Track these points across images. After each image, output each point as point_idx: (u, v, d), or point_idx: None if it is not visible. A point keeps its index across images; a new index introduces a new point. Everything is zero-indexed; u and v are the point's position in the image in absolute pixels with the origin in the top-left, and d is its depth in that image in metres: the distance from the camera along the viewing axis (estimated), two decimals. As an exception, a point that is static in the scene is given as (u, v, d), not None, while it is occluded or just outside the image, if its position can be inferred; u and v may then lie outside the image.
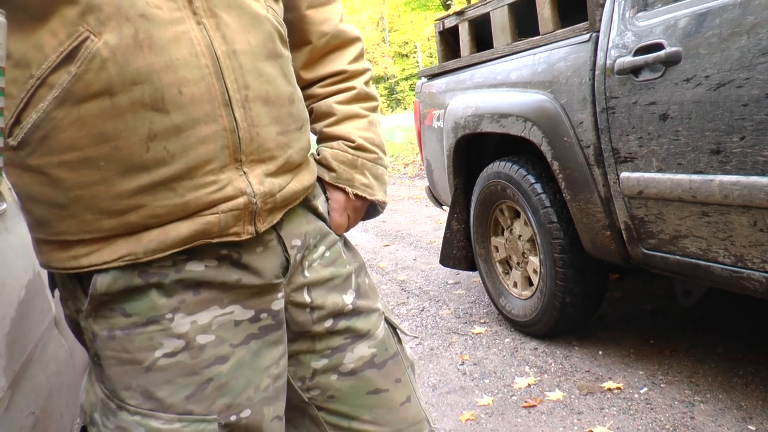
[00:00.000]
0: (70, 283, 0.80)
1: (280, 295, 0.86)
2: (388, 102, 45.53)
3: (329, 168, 0.97)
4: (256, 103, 0.77)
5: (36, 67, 0.69)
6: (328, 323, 0.91)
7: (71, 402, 1.47)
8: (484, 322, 3.00)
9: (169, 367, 0.77)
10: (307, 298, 0.89)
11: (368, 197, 0.99)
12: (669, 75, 1.77)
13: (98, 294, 0.76)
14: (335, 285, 0.93)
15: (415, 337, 1.02)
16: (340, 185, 0.97)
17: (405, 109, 39.50)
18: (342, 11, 1.02)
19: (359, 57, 1.02)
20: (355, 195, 0.97)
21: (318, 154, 0.99)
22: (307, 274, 0.90)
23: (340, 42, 1.00)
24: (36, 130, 0.70)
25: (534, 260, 2.61)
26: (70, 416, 1.46)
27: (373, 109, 1.02)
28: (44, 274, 1.46)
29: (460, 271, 3.68)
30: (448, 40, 3.29)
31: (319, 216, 0.94)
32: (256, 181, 0.78)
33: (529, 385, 2.30)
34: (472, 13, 2.93)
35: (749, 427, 1.84)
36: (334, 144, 0.98)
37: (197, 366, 0.78)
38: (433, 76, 3.34)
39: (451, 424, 2.12)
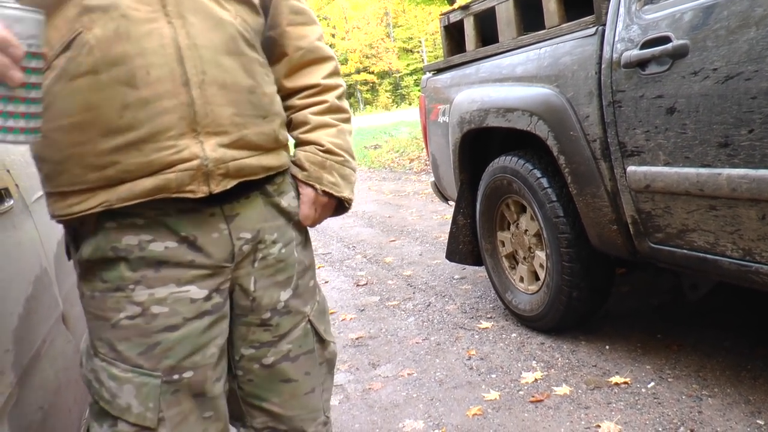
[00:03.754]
0: (74, 252, 1.01)
1: (228, 276, 1.04)
2: (393, 97, 45.44)
3: (302, 167, 1.15)
4: (212, 87, 0.95)
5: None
6: (265, 315, 1.09)
7: (79, 397, 1.48)
8: (491, 317, 2.99)
9: (128, 327, 0.97)
10: (251, 287, 1.07)
11: (335, 194, 1.16)
12: (676, 68, 1.75)
13: (83, 260, 0.98)
14: (278, 281, 1.10)
15: (332, 342, 1.24)
16: (310, 182, 1.14)
17: (410, 104, 39.46)
18: (320, 33, 1.19)
19: (333, 74, 1.19)
20: (323, 192, 1.15)
21: (294, 156, 1.16)
22: (257, 265, 1.07)
23: (315, 57, 1.17)
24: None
25: (540, 255, 2.60)
26: (78, 412, 1.46)
27: (344, 120, 1.19)
28: (51, 270, 1.47)
29: (466, 266, 3.68)
30: (453, 34, 3.28)
31: (283, 212, 1.11)
32: (209, 149, 0.95)
33: (536, 380, 2.29)
34: (477, 8, 2.92)
35: (758, 421, 1.83)
36: (307, 147, 1.16)
37: (149, 330, 0.96)
38: (438, 71, 3.33)
39: (458, 419, 2.12)
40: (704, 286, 2.17)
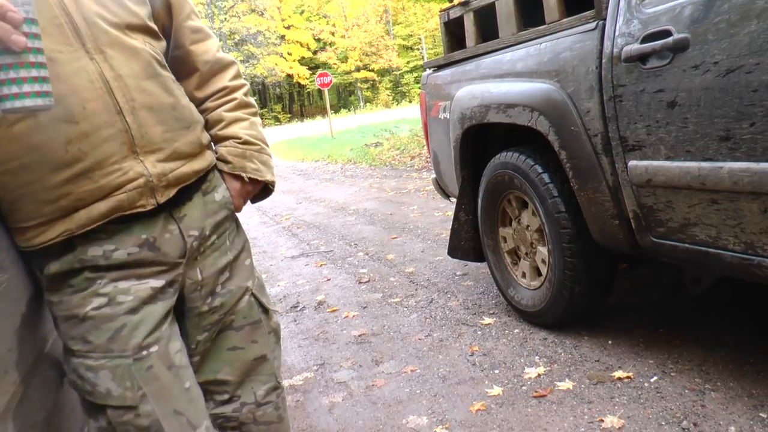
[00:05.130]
0: (38, 270, 1.09)
1: (180, 271, 1.16)
2: (394, 95, 45.41)
3: (226, 161, 1.27)
4: (142, 111, 1.06)
5: None
6: (209, 300, 1.22)
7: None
8: (493, 313, 3.00)
9: (96, 317, 1.06)
10: (198, 276, 1.19)
11: (260, 179, 1.29)
12: (677, 62, 1.75)
13: (50, 274, 1.06)
14: (219, 268, 1.23)
15: (276, 311, 1.36)
16: (236, 173, 1.27)
17: (410, 101, 39.43)
18: (218, 44, 1.33)
19: (237, 76, 1.33)
20: (249, 179, 1.27)
21: (217, 153, 1.28)
22: (199, 258, 1.20)
23: (221, 66, 1.30)
24: None
25: (542, 250, 2.60)
26: (82, 410, 1.46)
27: (253, 114, 1.33)
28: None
29: (469, 263, 3.68)
30: (453, 31, 3.28)
31: (219, 204, 1.24)
32: (150, 166, 1.07)
33: (539, 375, 2.30)
34: (477, 4, 2.91)
35: (761, 414, 1.83)
36: (227, 143, 1.28)
37: (114, 315, 1.06)
38: (438, 68, 3.33)
39: (461, 414, 2.12)
40: (707, 280, 2.16)
